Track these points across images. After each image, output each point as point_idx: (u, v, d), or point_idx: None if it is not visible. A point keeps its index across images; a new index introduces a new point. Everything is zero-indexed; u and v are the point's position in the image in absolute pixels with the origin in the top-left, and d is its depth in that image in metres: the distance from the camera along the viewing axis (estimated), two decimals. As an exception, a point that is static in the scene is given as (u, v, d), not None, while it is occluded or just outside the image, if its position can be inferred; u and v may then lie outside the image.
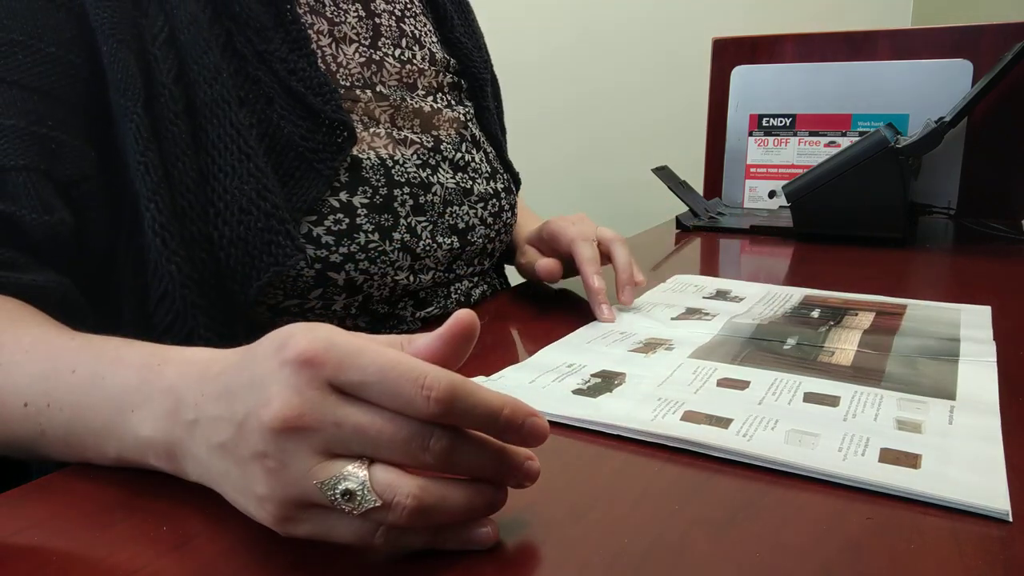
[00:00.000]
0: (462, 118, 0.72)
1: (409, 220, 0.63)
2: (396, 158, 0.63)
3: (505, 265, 0.86)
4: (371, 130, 0.63)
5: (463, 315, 0.33)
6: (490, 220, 0.72)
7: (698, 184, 1.31)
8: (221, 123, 0.53)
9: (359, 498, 0.29)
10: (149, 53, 0.52)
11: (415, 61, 0.69)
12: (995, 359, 0.54)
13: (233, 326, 0.54)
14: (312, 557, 0.32)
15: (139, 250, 0.52)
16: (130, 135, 0.50)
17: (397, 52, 0.68)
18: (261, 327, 0.39)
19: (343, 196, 0.58)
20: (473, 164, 0.71)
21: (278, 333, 0.32)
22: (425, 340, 0.33)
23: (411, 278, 0.64)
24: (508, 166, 0.79)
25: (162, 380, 0.37)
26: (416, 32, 0.71)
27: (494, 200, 0.73)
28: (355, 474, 0.30)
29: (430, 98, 0.70)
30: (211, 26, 0.55)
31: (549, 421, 0.44)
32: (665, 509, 0.36)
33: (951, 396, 0.48)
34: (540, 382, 0.51)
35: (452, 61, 0.74)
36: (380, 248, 0.60)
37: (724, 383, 0.50)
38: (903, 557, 0.32)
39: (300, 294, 0.57)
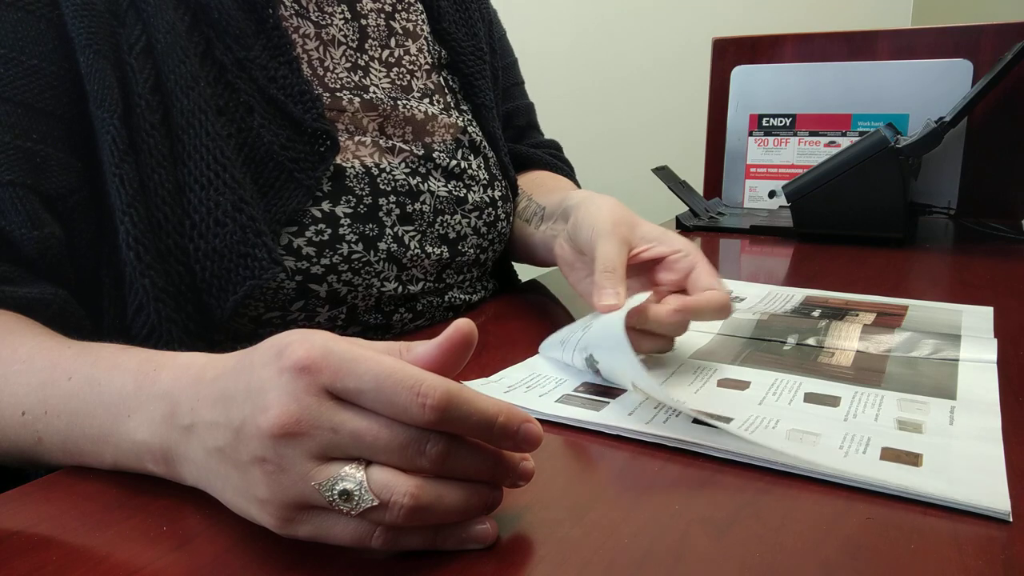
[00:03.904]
0: (460, 123, 0.70)
1: (396, 229, 0.61)
2: (382, 166, 0.61)
3: (505, 266, 0.84)
4: (356, 139, 0.61)
5: (462, 324, 0.33)
6: (484, 230, 0.70)
7: (698, 184, 1.30)
8: (197, 133, 0.52)
9: (356, 498, 0.30)
10: (126, 63, 0.51)
11: (404, 63, 0.67)
12: (996, 359, 0.54)
13: (211, 339, 0.53)
14: (311, 557, 0.32)
15: (118, 262, 0.51)
16: (106, 147, 0.50)
17: (385, 54, 0.66)
18: (244, 339, 0.39)
19: (325, 206, 0.57)
20: (469, 171, 0.69)
21: (275, 340, 0.32)
22: (424, 348, 0.33)
23: (399, 288, 0.62)
24: (507, 172, 0.76)
25: (157, 385, 0.37)
26: (409, 26, 0.69)
27: (490, 209, 0.70)
28: (352, 475, 0.30)
29: (426, 100, 0.68)
30: (190, 34, 0.54)
31: (550, 422, 0.45)
32: (665, 509, 0.36)
33: (952, 396, 0.48)
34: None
35: (443, 53, 0.72)
36: (364, 259, 0.59)
37: (724, 383, 0.50)
38: (903, 557, 0.32)
39: (281, 306, 0.56)
